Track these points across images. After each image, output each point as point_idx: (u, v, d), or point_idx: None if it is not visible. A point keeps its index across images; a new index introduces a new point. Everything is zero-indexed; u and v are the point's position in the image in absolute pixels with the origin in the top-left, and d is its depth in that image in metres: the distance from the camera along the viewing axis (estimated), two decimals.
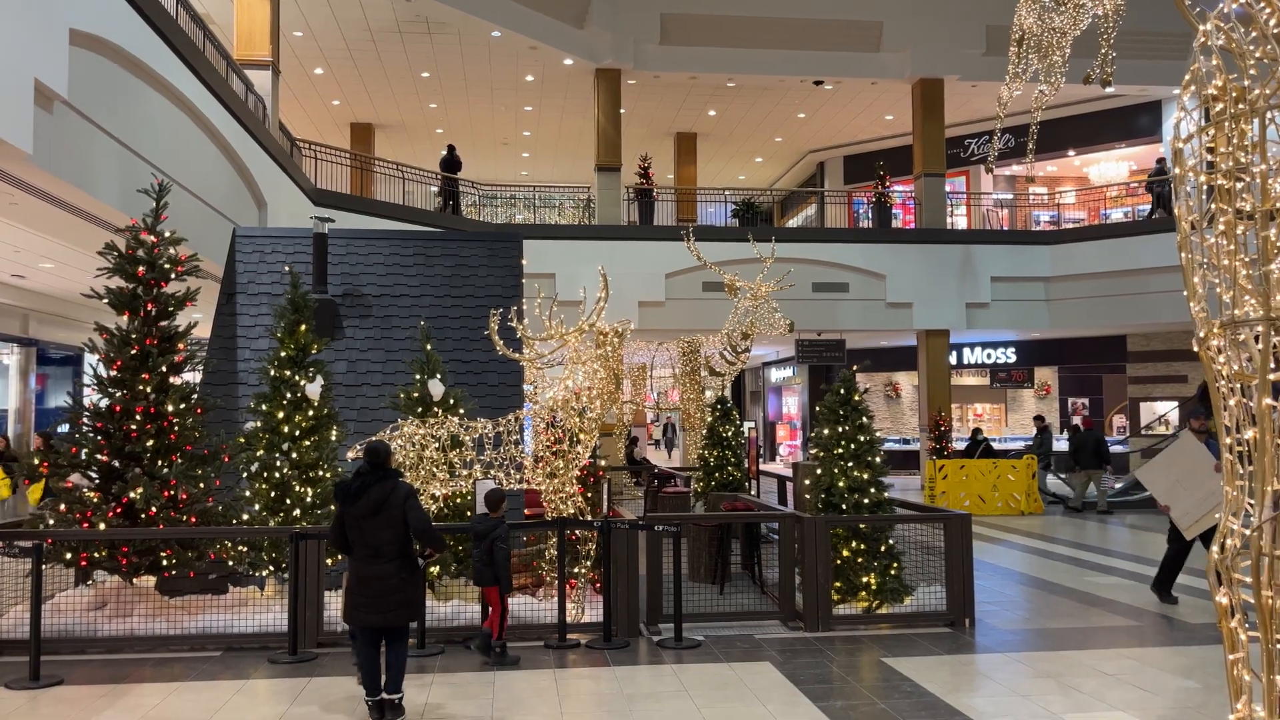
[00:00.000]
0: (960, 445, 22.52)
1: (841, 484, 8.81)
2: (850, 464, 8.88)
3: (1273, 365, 3.03)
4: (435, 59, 22.56)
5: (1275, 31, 3.29)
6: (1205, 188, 3.28)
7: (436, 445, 8.63)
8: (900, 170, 25.92)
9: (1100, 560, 12.47)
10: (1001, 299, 23.28)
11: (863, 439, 8.97)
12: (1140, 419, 25.27)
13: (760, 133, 28.68)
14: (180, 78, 11.90)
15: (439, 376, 9.36)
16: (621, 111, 23.34)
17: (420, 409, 9.25)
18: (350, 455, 8.66)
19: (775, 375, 34.30)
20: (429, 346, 9.53)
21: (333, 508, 8.88)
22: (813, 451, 9.41)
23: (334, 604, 8.27)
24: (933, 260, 22.92)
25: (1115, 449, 24.78)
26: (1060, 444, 22.28)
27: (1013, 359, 28.18)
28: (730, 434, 14.08)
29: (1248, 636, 3.12)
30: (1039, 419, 21.64)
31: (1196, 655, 7.57)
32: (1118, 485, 19.91)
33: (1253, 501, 3.05)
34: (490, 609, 7.71)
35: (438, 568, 8.62)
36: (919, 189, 23.76)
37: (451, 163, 23.40)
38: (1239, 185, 3.21)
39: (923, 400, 23.31)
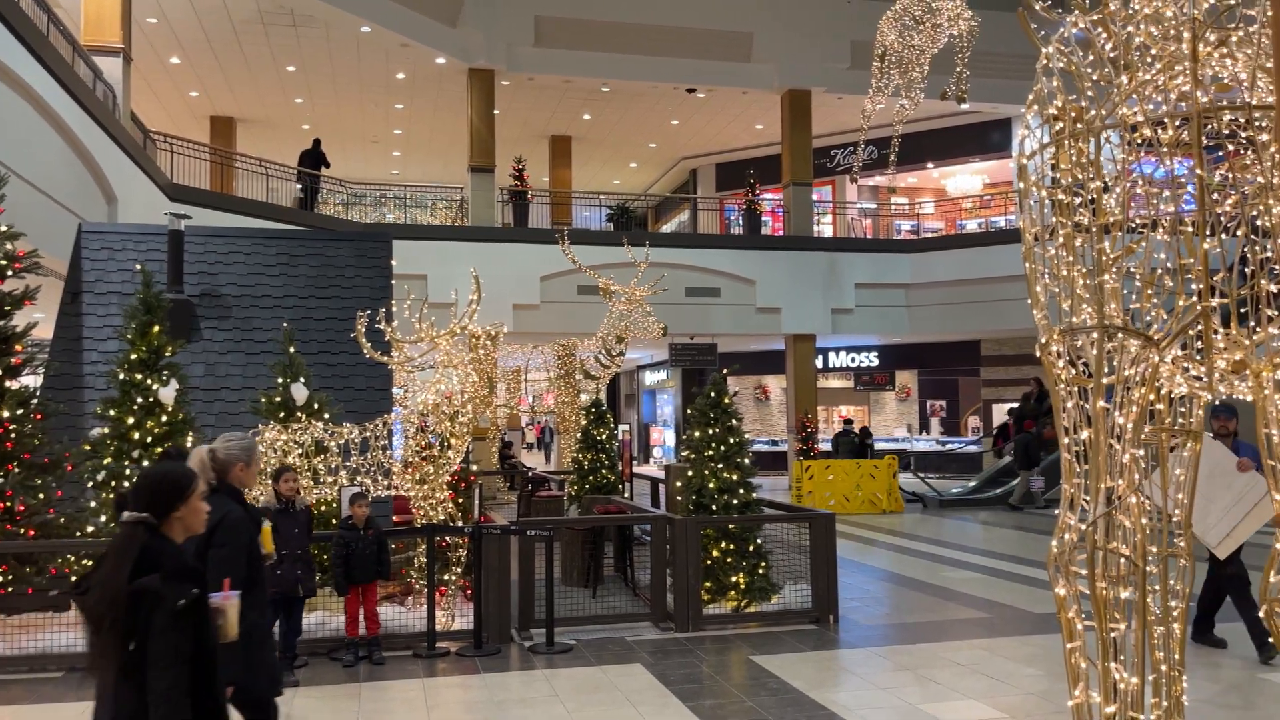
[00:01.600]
0: (826, 445, 23.19)
1: (712, 485, 8.94)
2: (720, 465, 9.03)
3: (1106, 370, 3.24)
4: (301, 53, 21.86)
5: (1111, 56, 3.51)
6: (1047, 202, 3.48)
7: (300, 451, 8.35)
8: (770, 178, 26.54)
9: (955, 555, 13.05)
10: (865, 305, 24.10)
11: (732, 441, 9.13)
12: (993, 420, 26.55)
13: (635, 138, 28.90)
14: (20, 61, 11.16)
15: (303, 380, 9.07)
16: (495, 112, 23.13)
17: (283, 414, 8.95)
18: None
19: (649, 378, 34.60)
20: (292, 349, 9.23)
21: None
22: (684, 454, 9.53)
23: None
24: (800, 267, 23.54)
25: (969, 449, 26.09)
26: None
27: (875, 363, 29.23)
28: (604, 437, 14.13)
29: (1084, 626, 3.32)
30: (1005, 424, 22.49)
31: (1040, 644, 8.00)
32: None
33: (1088, 498, 3.25)
34: (362, 608, 7.57)
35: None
36: (787, 197, 24.39)
37: (317, 158, 22.69)
38: (1077, 200, 3.42)
39: (790, 402, 23.91)
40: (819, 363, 26.13)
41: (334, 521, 8.75)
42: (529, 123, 27.06)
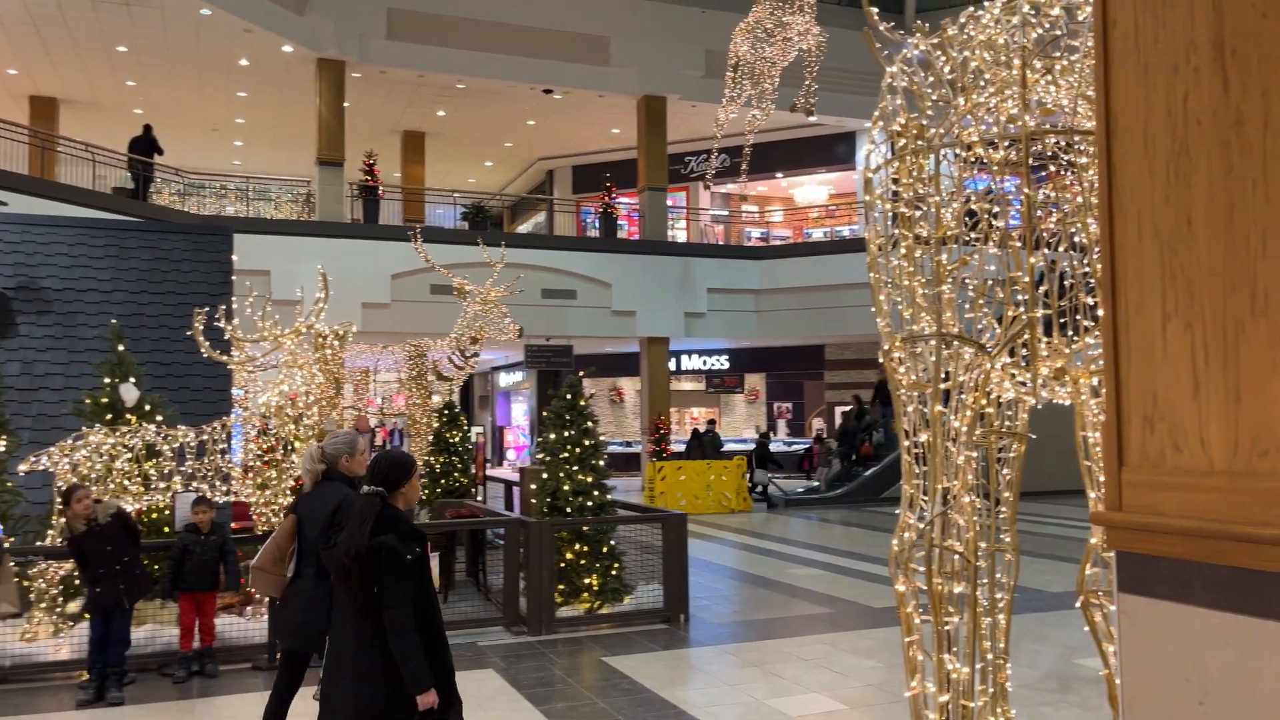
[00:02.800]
0: (680, 447, 23.56)
1: (567, 488, 8.95)
2: (575, 468, 9.04)
3: (944, 376, 3.42)
4: (135, 33, 20.62)
5: (949, 78, 3.71)
6: (890, 215, 3.65)
7: (129, 456, 7.87)
8: (626, 182, 26.77)
9: (799, 553, 13.48)
10: (717, 309, 24.60)
11: (588, 443, 9.16)
12: (835, 421, 27.60)
13: (490, 137, 28.59)
14: None
15: (133, 380, 8.56)
16: (346, 105, 22.45)
17: (110, 416, 8.41)
18: (23, 468, 7.71)
19: (504, 380, 34.31)
20: (121, 347, 8.70)
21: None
22: (539, 456, 9.50)
23: (3, 634, 7.34)
24: (655, 271, 23.83)
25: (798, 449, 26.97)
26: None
27: (726, 366, 29.90)
28: (457, 439, 13.93)
29: (921, 620, 3.50)
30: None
31: (879, 637, 8.36)
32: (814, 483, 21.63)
33: (926, 498, 3.43)
34: (199, 619, 7.21)
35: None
36: (643, 202, 24.65)
37: (149, 145, 21.41)
38: (918, 214, 3.60)
39: (644, 404, 24.17)
40: (671, 365, 26.53)
41: (166, 530, 8.29)
42: (381, 117, 26.37)
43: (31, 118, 23.87)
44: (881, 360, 3.66)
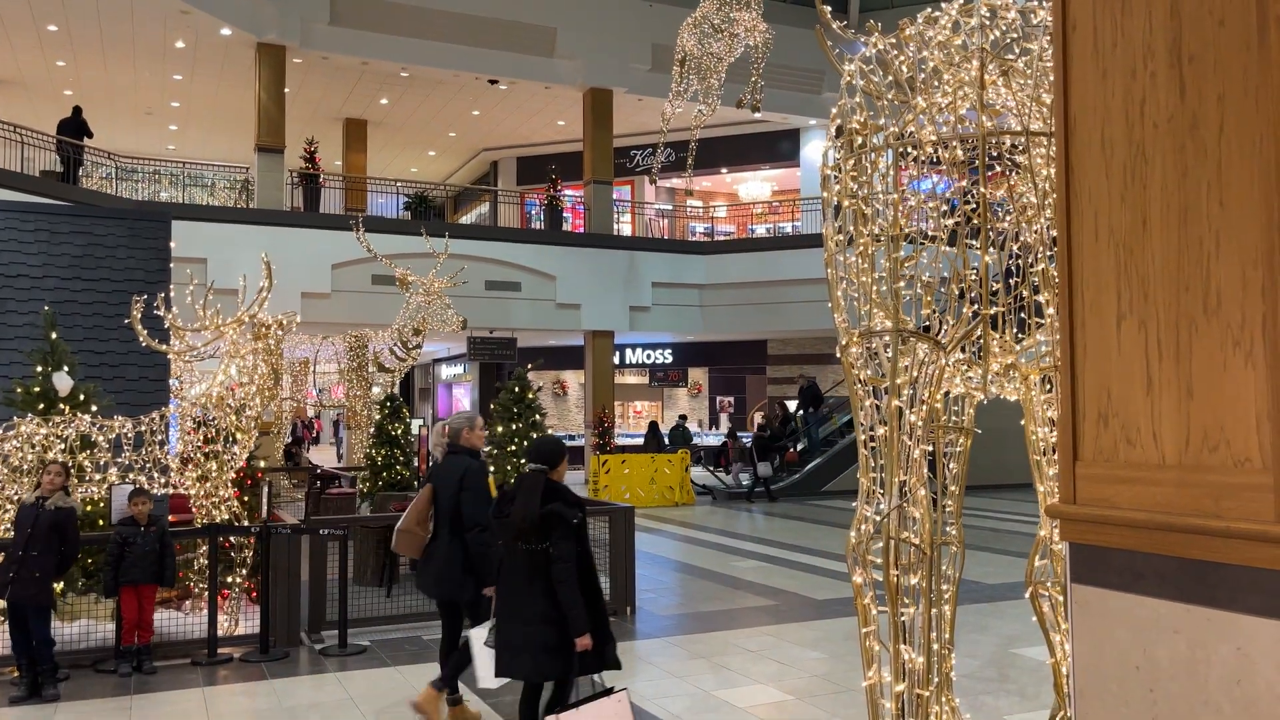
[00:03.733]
0: (624, 440, 23.60)
1: (514, 481, 8.90)
2: (523, 460, 9.00)
3: (897, 371, 3.49)
4: (66, 11, 19.96)
5: (906, 77, 3.77)
6: (848, 212, 3.70)
7: (63, 447, 7.65)
8: (571, 175, 26.69)
9: (742, 545, 13.61)
10: (661, 303, 24.67)
11: (535, 436, 9.13)
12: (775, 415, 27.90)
13: (434, 126, 28.28)
14: None
15: (66, 369, 8.31)
16: (286, 91, 22.02)
17: (43, 406, 8.16)
18: None
19: (446, 372, 34.01)
20: (54, 335, 8.44)
21: None
22: (488, 449, 9.45)
23: None
24: (600, 264, 23.81)
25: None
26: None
27: (669, 360, 30.01)
28: (400, 432, 13.76)
29: (877, 611, 3.56)
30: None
31: (823, 628, 8.48)
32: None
33: (883, 491, 3.49)
34: (138, 614, 7.03)
35: (61, 584, 7.65)
36: (588, 195, 24.61)
37: (78, 127, 20.75)
38: (872, 210, 3.66)
39: (588, 398, 24.16)
40: (615, 359, 26.56)
41: (101, 523, 8.07)
42: (322, 104, 25.95)
43: None
44: (839, 355, 3.71)
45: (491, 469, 9.10)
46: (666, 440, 22.53)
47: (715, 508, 18.74)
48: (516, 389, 9.26)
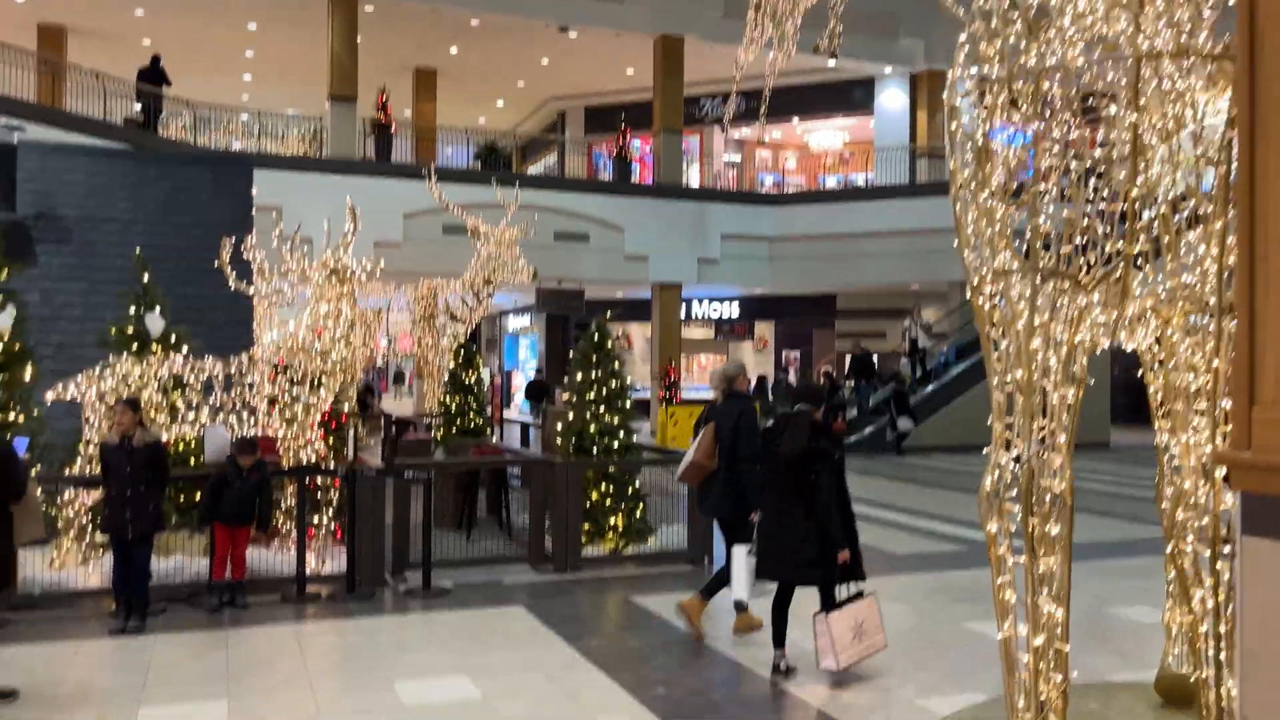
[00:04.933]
0: (689, 395, 23.53)
1: (593, 429, 8.89)
2: (602, 409, 8.97)
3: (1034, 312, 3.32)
4: None
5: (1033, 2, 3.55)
6: (974, 146, 3.51)
7: (156, 386, 7.80)
8: (639, 125, 26.37)
9: None
10: (730, 256, 24.40)
11: (614, 385, 9.09)
12: (846, 371, 27.55)
13: (503, 75, 28.12)
14: None
15: (158, 310, 8.46)
16: (359, 40, 22.03)
17: (136, 346, 8.32)
18: (50, 396, 7.65)
19: (513, 323, 34.19)
20: (146, 277, 8.58)
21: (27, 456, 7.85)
22: (565, 396, 9.43)
23: (33, 561, 7.33)
24: (668, 215, 23.58)
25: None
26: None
27: (736, 314, 29.74)
28: (473, 381, 13.85)
29: (1014, 561, 3.44)
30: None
31: (904, 583, 8.35)
32: None
33: (1020, 437, 3.35)
34: (229, 549, 7.20)
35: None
36: (657, 145, 24.32)
37: (156, 76, 21.03)
38: (1005, 146, 3.47)
39: (655, 350, 24.09)
40: (681, 312, 26.40)
41: (193, 462, 8.25)
42: (393, 53, 25.90)
43: (40, 45, 23.43)
44: (970, 297, 3.55)
45: (570, 416, 9.09)
46: (770, 396, 22.22)
47: None
48: (596, 337, 9.19)
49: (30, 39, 23.53)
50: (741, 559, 6.34)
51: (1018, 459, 3.36)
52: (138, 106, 20.72)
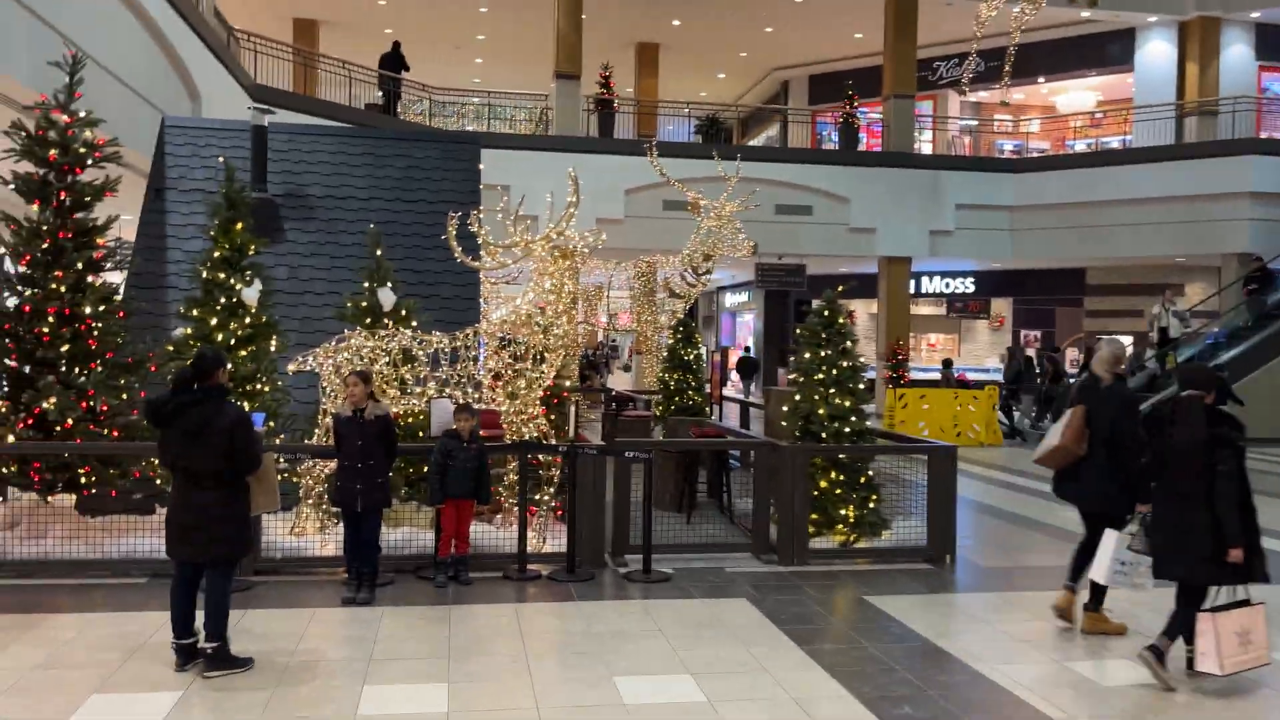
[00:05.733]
0: (919, 375, 22.29)
1: (822, 411, 8.28)
2: (832, 390, 8.35)
3: None
4: None
5: None
6: None
7: (386, 360, 7.89)
8: (867, 92, 25.12)
9: None
10: (965, 227, 22.87)
11: (845, 364, 8.43)
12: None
13: (725, 46, 27.60)
14: None
15: (389, 285, 8.58)
16: (584, 18, 22.14)
17: (369, 320, 8.48)
18: (292, 368, 7.90)
19: (730, 300, 33.78)
20: (379, 252, 8.73)
21: (270, 424, 8.15)
22: (790, 376, 8.86)
23: (275, 527, 7.61)
24: (898, 185, 22.36)
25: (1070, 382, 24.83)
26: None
27: (971, 289, 27.93)
28: (692, 357, 13.52)
29: None
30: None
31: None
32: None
33: None
34: (455, 526, 7.17)
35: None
36: (887, 110, 23.06)
37: (397, 61, 22.00)
38: None
39: (881, 328, 22.98)
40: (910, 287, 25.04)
41: (421, 435, 8.33)
42: (616, 29, 25.94)
43: (295, 38, 25.12)
44: None
45: (797, 398, 8.52)
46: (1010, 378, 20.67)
47: (1026, 449, 17.17)
48: (826, 312, 8.54)
49: (287, 33, 25.31)
50: (1111, 542, 5.83)
51: None
52: (379, 94, 21.75)
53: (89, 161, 7.73)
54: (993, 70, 25.73)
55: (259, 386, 8.08)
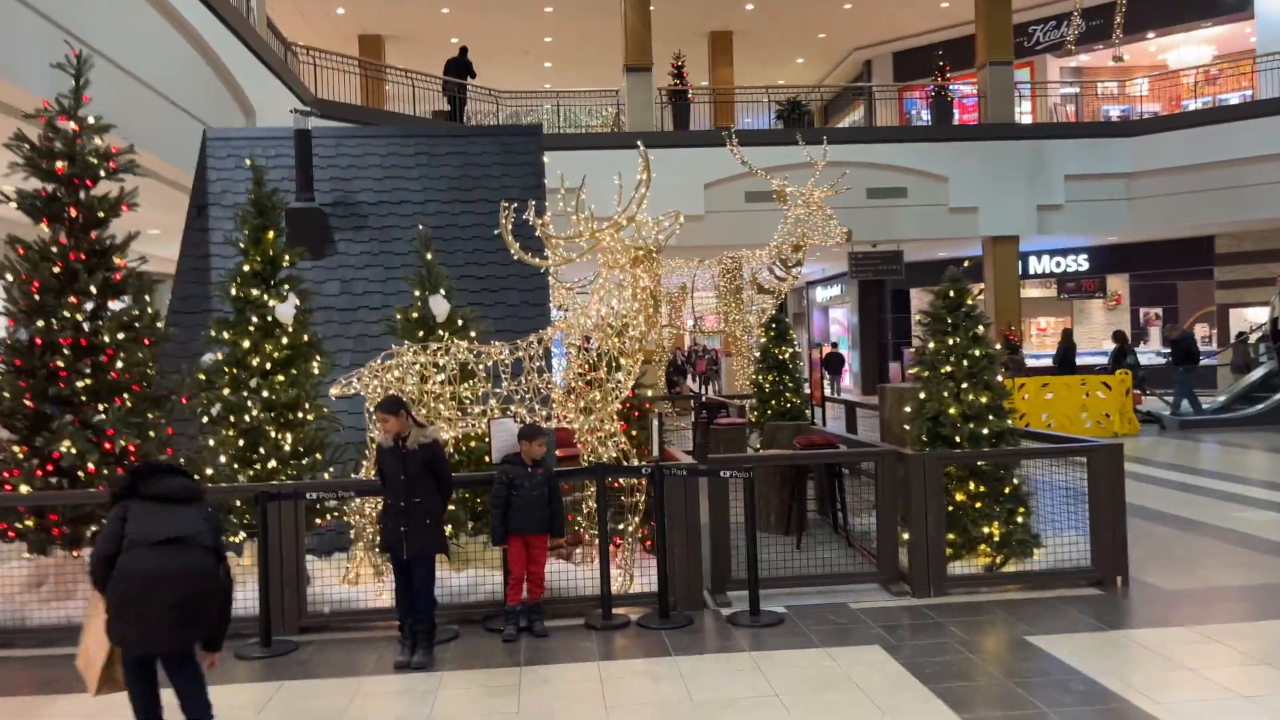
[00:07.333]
0: (1036, 361, 20.51)
1: (953, 411, 6.94)
2: (964, 386, 7.00)
3: None
4: None
5: None
6: None
7: (441, 377, 6.84)
8: (957, 64, 23.40)
9: (1236, 490, 10.55)
10: (1076, 200, 21.02)
11: (978, 354, 7.08)
12: (1231, 327, 22.98)
13: (802, 28, 26.18)
14: None
15: (443, 292, 7.55)
16: (652, 9, 21.05)
17: (421, 332, 7.47)
18: (334, 392, 6.89)
19: (821, 294, 32.22)
20: (429, 255, 7.71)
21: (318, 456, 7.20)
22: (913, 371, 7.54)
23: (325, 575, 6.64)
24: (1000, 159, 20.66)
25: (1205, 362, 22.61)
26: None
27: (1084, 267, 25.85)
28: (787, 356, 12.25)
29: None
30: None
31: None
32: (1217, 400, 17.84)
33: None
34: (525, 566, 6.09)
35: (450, 526, 6.92)
36: (983, 80, 21.36)
37: (463, 67, 21.27)
38: None
39: (990, 313, 21.23)
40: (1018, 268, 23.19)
41: (486, 460, 7.27)
42: (686, 20, 24.79)
43: (360, 53, 24.63)
44: None
45: (922, 396, 7.21)
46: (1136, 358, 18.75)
47: (1166, 439, 15.38)
48: (951, 294, 7.22)
49: (353, 50, 24.84)
50: None
51: None
52: (444, 99, 21.03)
53: (102, 173, 6.89)
54: (1094, 30, 23.81)
55: (302, 415, 7.14)
